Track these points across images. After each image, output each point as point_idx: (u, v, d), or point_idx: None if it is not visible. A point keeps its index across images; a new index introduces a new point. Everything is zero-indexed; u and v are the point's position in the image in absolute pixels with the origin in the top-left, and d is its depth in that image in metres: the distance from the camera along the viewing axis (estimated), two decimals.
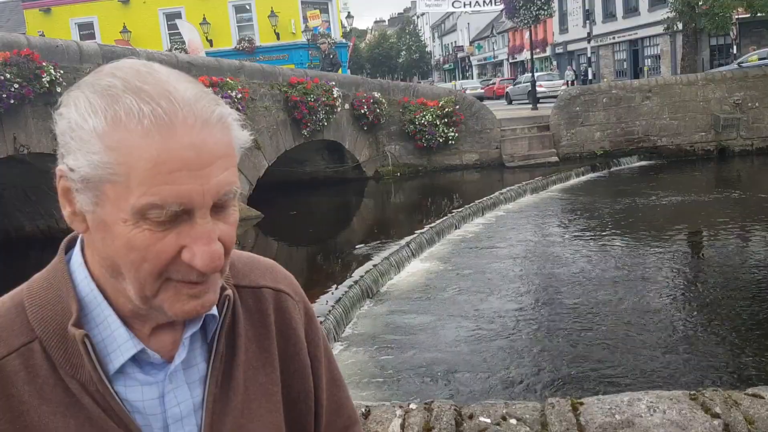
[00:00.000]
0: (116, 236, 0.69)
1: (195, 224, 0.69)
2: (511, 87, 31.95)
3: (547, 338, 5.51)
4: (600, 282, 6.93)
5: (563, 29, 42.74)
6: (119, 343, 0.75)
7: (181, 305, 0.72)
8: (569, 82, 30.29)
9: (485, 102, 22.48)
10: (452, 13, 58.87)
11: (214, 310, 0.80)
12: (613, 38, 36.73)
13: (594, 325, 5.71)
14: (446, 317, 6.13)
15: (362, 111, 13.90)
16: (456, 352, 5.30)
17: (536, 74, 33.71)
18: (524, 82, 29.77)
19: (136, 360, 0.76)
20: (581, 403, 2.68)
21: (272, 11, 27.03)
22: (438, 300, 6.68)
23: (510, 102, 29.76)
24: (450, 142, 14.94)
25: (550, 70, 41.46)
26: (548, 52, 45.35)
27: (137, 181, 0.66)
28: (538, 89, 29.22)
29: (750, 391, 2.76)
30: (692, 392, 2.72)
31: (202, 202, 0.68)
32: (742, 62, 21.63)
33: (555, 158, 15.39)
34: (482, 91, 37.28)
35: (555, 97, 26.80)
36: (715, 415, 2.51)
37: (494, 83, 40.10)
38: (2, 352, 0.73)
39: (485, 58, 61.17)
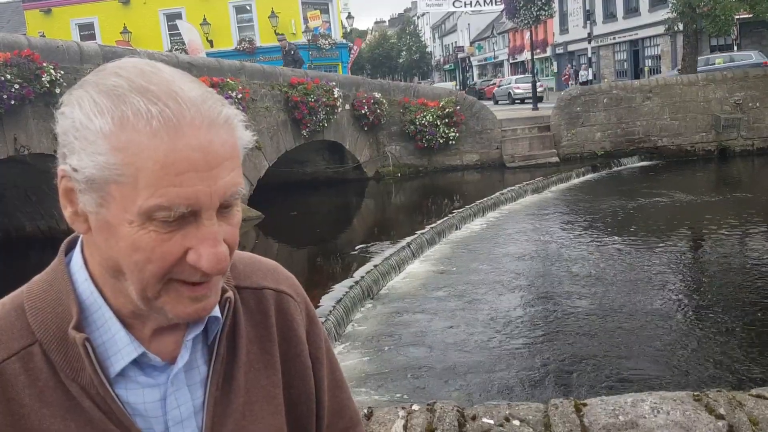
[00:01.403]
0: (121, 237, 0.68)
1: (201, 225, 0.68)
2: (497, 89, 35.32)
3: (549, 339, 5.50)
4: (602, 282, 6.92)
5: (564, 30, 42.73)
6: (120, 346, 0.74)
7: (183, 308, 0.71)
8: (585, 82, 30.63)
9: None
10: (453, 13, 58.93)
11: (217, 312, 0.79)
12: (614, 38, 36.72)
13: (596, 326, 5.70)
14: (447, 318, 6.12)
15: (363, 111, 13.90)
16: (458, 353, 5.29)
17: (514, 77, 36.70)
18: (505, 85, 34.35)
19: (137, 363, 0.75)
20: (584, 404, 2.67)
21: (273, 12, 27.04)
22: (439, 300, 6.66)
23: (496, 102, 32.18)
24: (450, 142, 14.94)
25: (554, 71, 41.84)
26: (549, 53, 45.34)
27: (144, 183, 0.65)
28: (515, 91, 31.72)
29: (754, 391, 2.75)
30: (696, 393, 2.71)
31: (209, 204, 0.68)
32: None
33: (556, 158, 15.39)
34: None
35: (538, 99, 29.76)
36: (720, 416, 2.50)
37: (494, 84, 40.77)
38: (2, 355, 0.73)
39: (485, 59, 61.16)
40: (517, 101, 30.96)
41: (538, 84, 32.89)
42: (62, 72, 8.24)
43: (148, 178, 0.65)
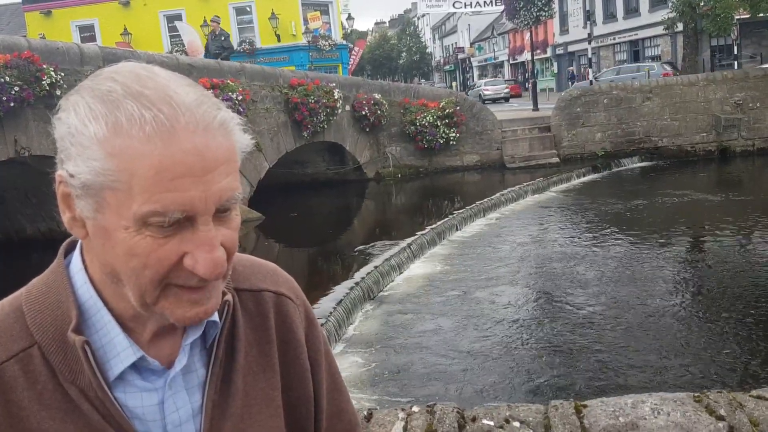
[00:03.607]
0: (117, 243, 0.68)
1: (197, 231, 0.68)
2: (470, 91, 38.39)
3: (550, 340, 5.50)
4: (602, 283, 6.92)
5: (564, 30, 42.72)
6: (119, 350, 0.74)
7: (183, 312, 0.71)
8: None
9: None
10: (453, 14, 58.91)
11: (215, 317, 0.79)
12: (614, 39, 36.74)
13: (597, 327, 5.69)
14: (448, 319, 6.12)
15: (363, 112, 13.90)
16: (458, 354, 5.29)
17: (484, 80, 38.61)
18: (476, 87, 37.97)
19: (136, 366, 0.75)
20: (585, 406, 2.67)
21: (273, 13, 27.05)
22: (439, 302, 6.66)
23: None
24: (451, 143, 14.94)
25: (554, 71, 42.14)
26: (549, 53, 45.35)
27: (139, 188, 0.65)
28: (485, 93, 33.11)
29: (755, 392, 2.74)
30: (696, 394, 2.71)
31: (204, 209, 0.67)
32: (598, 77, 25.62)
33: (556, 159, 15.39)
34: None
35: (503, 98, 33.01)
36: (720, 417, 2.49)
37: None
38: (1, 357, 0.73)
39: (486, 60, 61.16)
40: (487, 102, 33.11)
41: (503, 86, 34.87)
42: (62, 74, 8.23)
43: (142, 183, 0.65)
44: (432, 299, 6.75)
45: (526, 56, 40.94)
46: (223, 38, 14.41)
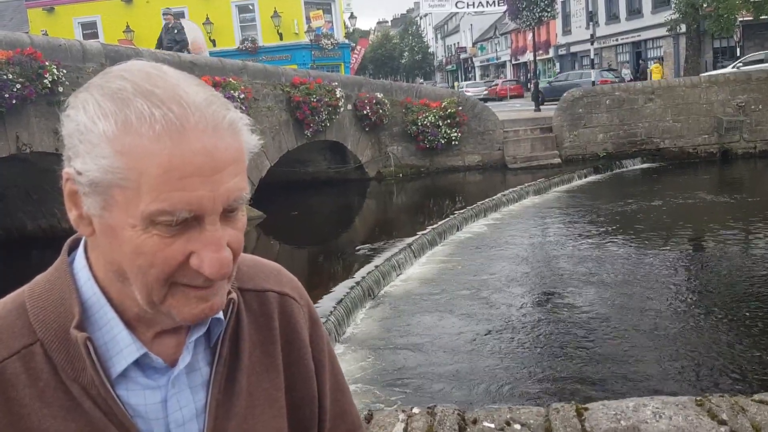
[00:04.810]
0: (124, 241, 0.68)
1: (204, 230, 0.68)
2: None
3: (551, 342, 5.49)
4: (604, 285, 6.91)
5: (566, 31, 42.73)
6: (122, 347, 0.74)
7: (189, 309, 0.71)
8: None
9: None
10: (455, 14, 58.90)
11: (220, 314, 0.79)
12: (616, 40, 36.73)
13: (598, 329, 5.68)
14: (448, 319, 6.11)
15: (365, 112, 13.90)
16: (459, 355, 5.28)
17: (465, 83, 39.92)
18: (459, 89, 37.79)
19: (139, 364, 0.75)
20: (586, 409, 2.66)
21: (275, 11, 27.08)
22: (440, 302, 6.65)
23: None
24: (453, 143, 14.94)
25: (556, 71, 42.21)
26: (551, 54, 45.35)
27: (147, 187, 0.65)
28: (466, 94, 33.48)
29: (757, 397, 2.74)
30: (698, 398, 2.70)
31: (212, 209, 0.67)
32: (551, 81, 27.63)
33: (558, 160, 15.38)
34: None
35: (482, 100, 33.34)
36: (722, 422, 2.49)
37: (496, 84, 41.19)
38: (3, 354, 0.72)
39: (488, 60, 61.16)
40: None
41: (483, 88, 35.33)
42: (64, 71, 8.21)
43: (151, 182, 0.65)
44: (433, 299, 6.74)
45: (529, 57, 40.95)
46: (176, 31, 13.87)
